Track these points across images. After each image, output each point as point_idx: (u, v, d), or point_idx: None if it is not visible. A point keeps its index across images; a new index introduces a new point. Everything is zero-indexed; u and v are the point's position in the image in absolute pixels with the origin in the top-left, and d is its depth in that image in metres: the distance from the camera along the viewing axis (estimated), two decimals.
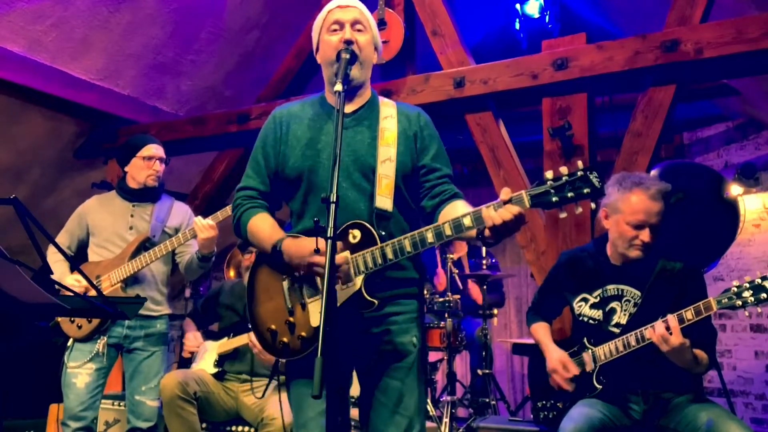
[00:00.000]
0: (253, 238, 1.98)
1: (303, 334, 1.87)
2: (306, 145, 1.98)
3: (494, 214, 1.69)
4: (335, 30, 1.97)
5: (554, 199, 1.69)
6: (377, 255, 1.81)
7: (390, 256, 1.81)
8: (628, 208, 2.47)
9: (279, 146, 2.02)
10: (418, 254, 2.03)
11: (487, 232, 1.73)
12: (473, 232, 1.78)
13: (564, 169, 1.69)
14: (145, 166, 3.23)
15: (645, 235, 2.45)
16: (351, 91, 1.99)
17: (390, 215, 1.91)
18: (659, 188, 2.47)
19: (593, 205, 1.77)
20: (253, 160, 2.08)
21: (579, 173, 1.68)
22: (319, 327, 1.80)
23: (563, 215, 1.73)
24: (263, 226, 1.97)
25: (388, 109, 2.04)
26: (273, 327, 1.94)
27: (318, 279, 1.87)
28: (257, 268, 2.02)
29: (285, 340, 1.91)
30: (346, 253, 1.83)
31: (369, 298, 1.82)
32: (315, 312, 1.86)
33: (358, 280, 1.83)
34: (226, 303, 3.64)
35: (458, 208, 1.87)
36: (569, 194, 1.68)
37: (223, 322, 3.65)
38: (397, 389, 1.92)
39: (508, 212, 1.67)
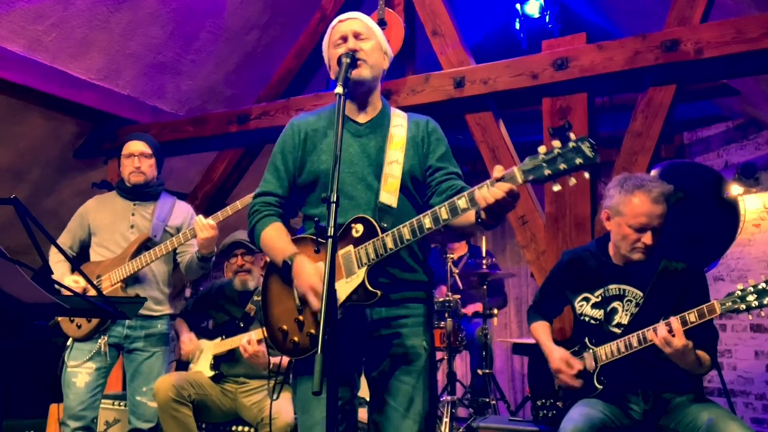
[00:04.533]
0: (266, 248, 2.03)
1: (312, 331, 1.90)
2: (321, 151, 2.03)
3: (487, 194, 1.70)
4: (339, 44, 2.03)
5: (546, 172, 1.68)
6: (378, 245, 1.85)
7: (390, 245, 1.84)
8: (630, 211, 2.46)
9: (297, 152, 2.07)
10: (425, 257, 2.06)
11: (482, 215, 1.74)
12: (471, 217, 1.79)
13: (557, 142, 1.69)
14: (126, 164, 3.26)
15: (647, 238, 2.45)
16: (361, 96, 2.06)
17: (393, 210, 1.95)
18: (662, 191, 2.45)
19: (587, 175, 1.74)
20: (272, 165, 2.11)
21: (571, 144, 1.67)
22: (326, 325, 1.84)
23: (557, 188, 1.72)
24: (276, 238, 2.01)
25: (398, 119, 2.10)
26: (284, 327, 1.97)
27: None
28: (270, 274, 2.06)
29: (296, 338, 1.94)
30: (350, 247, 1.87)
31: (372, 288, 1.84)
32: None
33: (361, 273, 1.86)
34: (215, 303, 3.64)
35: None
36: (561, 166, 1.67)
37: (215, 321, 3.66)
38: (407, 393, 1.93)
39: (500, 190, 1.68)
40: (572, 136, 1.68)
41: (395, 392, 1.93)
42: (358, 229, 1.89)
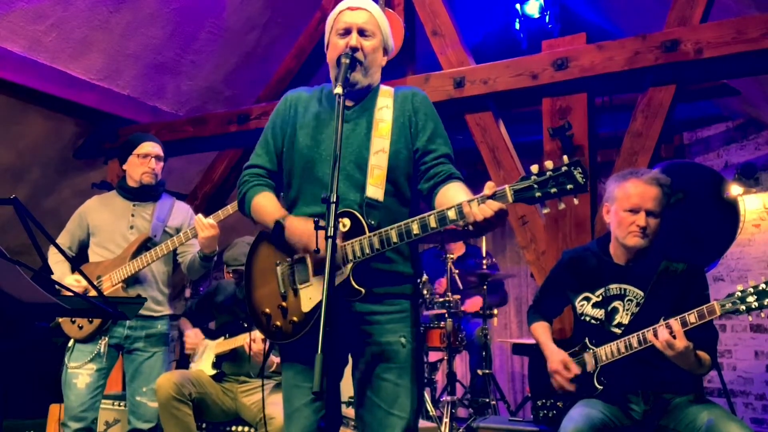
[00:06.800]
0: (257, 213, 2.03)
1: (294, 319, 1.91)
2: (308, 135, 2.02)
3: (476, 210, 1.71)
4: (343, 34, 1.99)
5: (537, 194, 1.71)
6: (365, 244, 1.84)
7: (377, 246, 1.83)
8: (623, 195, 2.50)
9: (287, 128, 2.07)
10: (412, 251, 2.03)
11: (469, 225, 1.76)
12: (460, 221, 1.80)
13: (549, 164, 1.71)
14: (140, 163, 3.23)
15: (641, 219, 2.45)
16: (354, 93, 2.02)
17: (380, 205, 1.93)
18: (655, 176, 2.50)
19: (576, 201, 1.78)
20: (263, 139, 2.12)
21: (563, 168, 1.69)
22: (309, 312, 1.86)
23: (546, 211, 1.77)
24: (267, 203, 2.02)
25: (384, 99, 2.05)
26: (267, 311, 1.98)
27: (309, 266, 1.91)
28: (254, 252, 2.07)
29: (278, 323, 1.96)
30: (338, 241, 1.85)
31: (357, 286, 1.84)
32: (306, 298, 1.91)
33: (347, 269, 1.85)
34: (218, 303, 3.64)
35: (451, 192, 1.88)
36: (552, 190, 1.69)
37: (218, 321, 3.66)
38: (389, 390, 1.92)
39: (489, 208, 1.70)
40: (565, 159, 1.70)
41: (378, 389, 1.93)
42: (345, 224, 1.87)
